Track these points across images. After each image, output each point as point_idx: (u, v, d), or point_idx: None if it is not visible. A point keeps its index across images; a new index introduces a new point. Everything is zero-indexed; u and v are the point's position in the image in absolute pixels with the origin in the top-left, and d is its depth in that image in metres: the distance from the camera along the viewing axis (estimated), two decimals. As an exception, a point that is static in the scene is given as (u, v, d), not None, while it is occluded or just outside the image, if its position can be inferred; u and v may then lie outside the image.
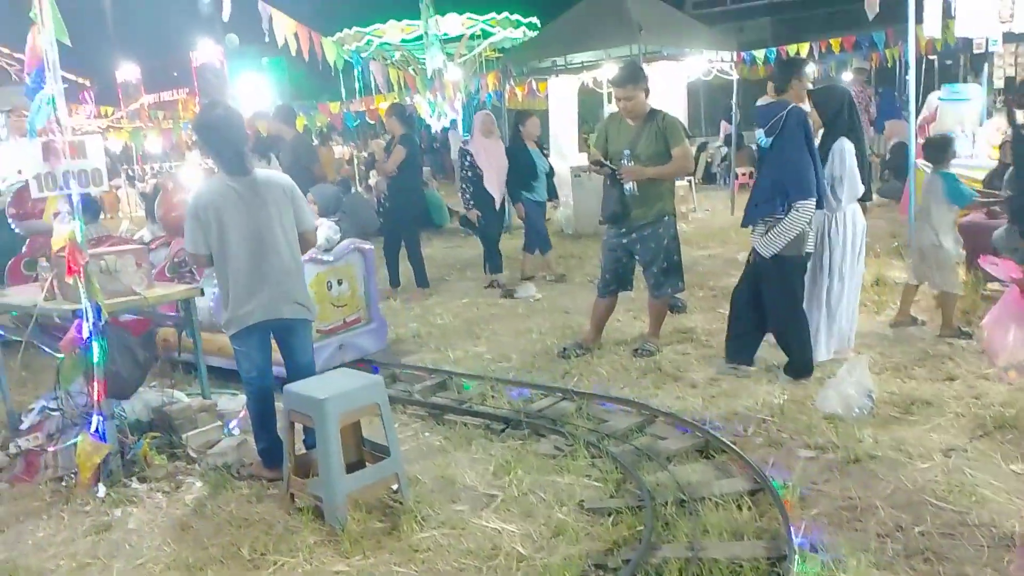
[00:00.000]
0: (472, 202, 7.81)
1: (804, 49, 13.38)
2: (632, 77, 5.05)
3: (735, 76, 11.29)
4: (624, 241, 5.19)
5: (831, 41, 13.61)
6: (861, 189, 4.82)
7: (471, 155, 7.63)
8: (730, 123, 12.57)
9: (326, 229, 5.62)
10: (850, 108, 4.83)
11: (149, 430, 4.20)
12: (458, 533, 3.23)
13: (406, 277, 7.92)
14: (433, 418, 4.54)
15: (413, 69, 16.63)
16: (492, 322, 6.56)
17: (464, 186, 7.81)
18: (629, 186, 5.02)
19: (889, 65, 14.28)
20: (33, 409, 4.42)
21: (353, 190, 12.89)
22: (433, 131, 18.17)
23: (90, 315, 3.64)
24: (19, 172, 14.90)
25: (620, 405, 4.42)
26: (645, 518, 3.15)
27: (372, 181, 13.59)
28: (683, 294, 6.01)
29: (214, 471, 3.92)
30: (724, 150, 16.39)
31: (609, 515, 3.25)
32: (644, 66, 6.80)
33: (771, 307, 4.72)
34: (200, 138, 3.81)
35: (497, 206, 7.88)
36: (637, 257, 5.25)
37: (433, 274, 8.25)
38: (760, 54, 13.11)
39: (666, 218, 5.17)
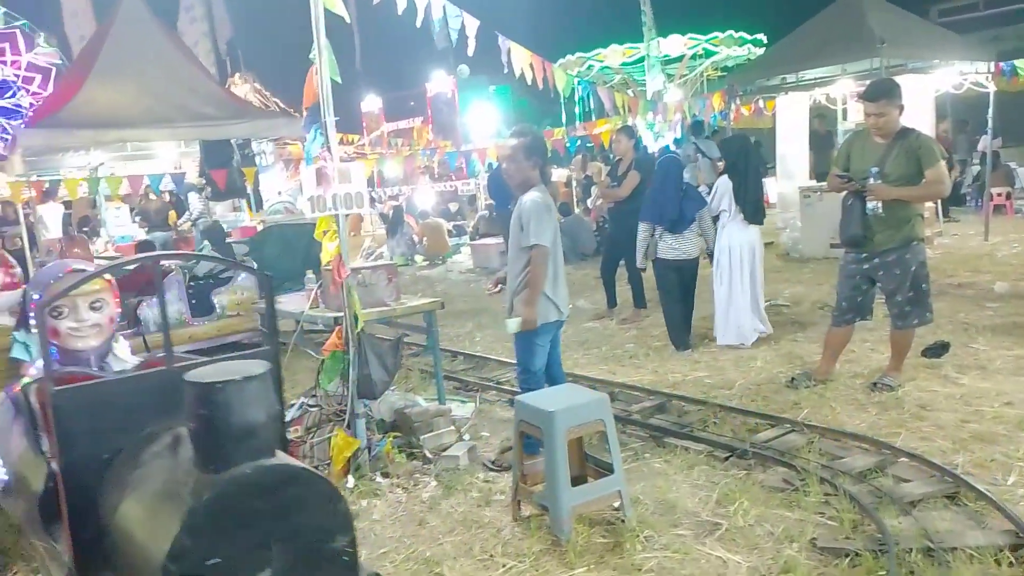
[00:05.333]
0: None
1: (1078, 56, 11.79)
2: (887, 92, 4.73)
3: (991, 88, 10.22)
4: (866, 267, 4.86)
5: (1114, 45, 11.89)
6: (722, 207, 6.21)
7: None
8: (986, 139, 11.40)
9: None
10: (738, 153, 6.21)
11: (391, 430, 4.58)
12: (681, 558, 3.21)
13: (623, 298, 7.96)
14: (653, 440, 4.53)
15: (632, 92, 16.76)
16: (713, 347, 6.41)
17: None
18: (872, 205, 4.70)
19: None
20: (294, 405, 4.98)
21: (572, 213, 13.18)
22: (650, 152, 18.12)
23: (349, 323, 4.05)
24: (279, 194, 16.73)
25: (857, 442, 4.15)
26: (888, 564, 2.94)
27: (590, 203, 13.86)
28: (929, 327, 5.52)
29: (447, 472, 4.19)
30: (975, 169, 14.92)
31: (845, 556, 3.07)
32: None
33: None
34: (529, 150, 4.10)
35: None
36: (879, 284, 4.89)
37: (650, 296, 8.22)
38: (1023, 63, 11.73)
39: (914, 243, 4.77)
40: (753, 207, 6.20)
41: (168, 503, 1.83)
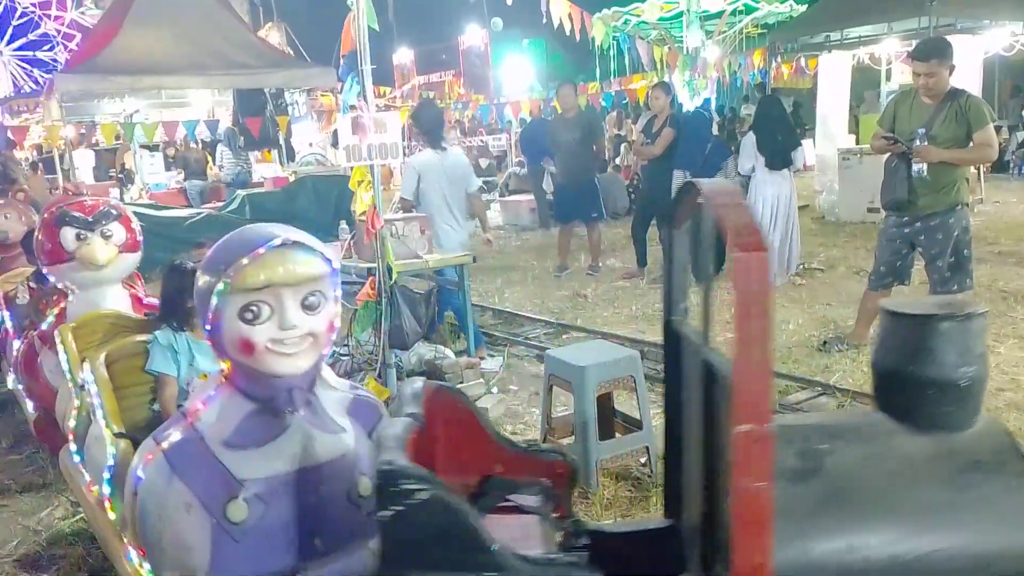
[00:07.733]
0: None
1: None
2: (938, 52, 4.57)
3: (1045, 50, 9.87)
4: (907, 230, 4.76)
5: None
6: (748, 166, 6.80)
7: None
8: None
9: None
10: (759, 111, 7.13)
11: (421, 381, 4.62)
12: (708, 514, 3.22)
13: (653, 257, 7.89)
14: (682, 398, 4.52)
15: (669, 48, 16.42)
16: (744, 308, 6.35)
17: None
18: (918, 168, 4.58)
19: None
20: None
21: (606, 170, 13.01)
22: (684, 110, 17.78)
23: (382, 273, 4.07)
24: (310, 145, 16.73)
25: (889, 406, 4.11)
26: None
27: (619, 160, 13.69)
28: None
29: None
30: (1021, 135, 14.48)
31: (874, 519, 3.07)
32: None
33: None
34: (416, 123, 5.40)
35: None
36: (920, 249, 4.80)
37: (682, 256, 8.15)
38: (1080, 24, 11.27)
39: (959, 208, 4.65)
40: (771, 153, 6.58)
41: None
